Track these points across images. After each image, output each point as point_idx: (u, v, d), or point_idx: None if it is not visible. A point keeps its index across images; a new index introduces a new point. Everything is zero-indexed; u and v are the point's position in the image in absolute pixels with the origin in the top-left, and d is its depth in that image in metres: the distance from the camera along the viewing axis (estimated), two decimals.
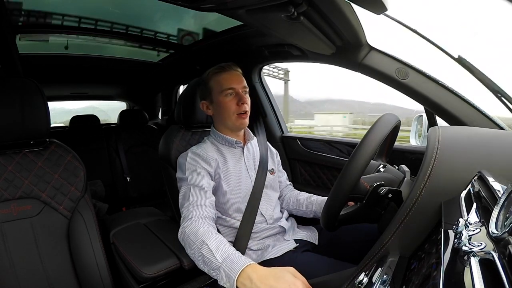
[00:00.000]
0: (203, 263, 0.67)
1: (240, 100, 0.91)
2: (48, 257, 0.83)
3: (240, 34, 1.23)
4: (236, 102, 0.91)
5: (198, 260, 0.68)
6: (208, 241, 0.67)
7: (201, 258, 0.67)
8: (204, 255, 0.66)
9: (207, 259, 0.65)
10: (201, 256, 0.67)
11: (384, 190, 0.68)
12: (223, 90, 0.91)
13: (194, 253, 0.70)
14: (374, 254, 0.55)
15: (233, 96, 0.92)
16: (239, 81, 0.93)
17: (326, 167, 1.37)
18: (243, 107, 0.91)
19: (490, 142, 0.60)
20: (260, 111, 1.52)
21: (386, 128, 0.67)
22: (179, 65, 1.81)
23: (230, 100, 0.91)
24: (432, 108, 0.91)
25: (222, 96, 0.92)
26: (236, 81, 0.92)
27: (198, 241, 0.69)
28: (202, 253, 0.66)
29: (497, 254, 0.28)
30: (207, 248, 0.66)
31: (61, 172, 0.88)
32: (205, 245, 0.67)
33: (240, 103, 0.91)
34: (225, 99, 0.92)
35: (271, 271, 0.57)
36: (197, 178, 0.85)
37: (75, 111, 2.61)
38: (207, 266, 0.66)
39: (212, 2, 0.66)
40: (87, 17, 1.23)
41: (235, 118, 0.92)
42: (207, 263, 0.65)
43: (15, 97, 0.81)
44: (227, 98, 0.91)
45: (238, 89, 0.92)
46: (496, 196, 0.38)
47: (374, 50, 0.96)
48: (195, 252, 0.69)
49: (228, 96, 0.91)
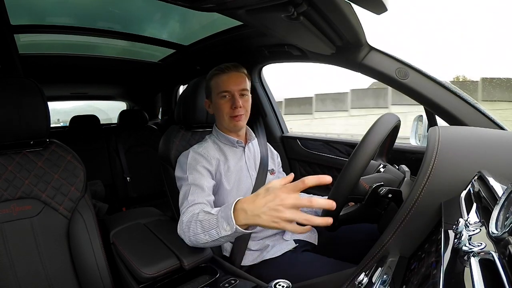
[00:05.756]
0: (204, 231, 0.67)
1: (233, 104, 0.91)
2: (48, 257, 0.83)
3: (240, 34, 1.23)
4: (230, 105, 0.92)
5: (199, 235, 0.69)
6: (201, 212, 0.71)
7: (200, 229, 0.68)
8: (202, 222, 0.68)
9: (206, 222, 0.66)
10: (200, 226, 0.68)
11: (384, 190, 0.68)
12: (219, 92, 0.92)
13: (193, 231, 0.70)
14: (374, 254, 0.55)
15: (228, 99, 0.92)
16: (237, 83, 0.92)
17: (326, 167, 1.37)
18: (236, 111, 0.92)
19: (490, 142, 0.60)
20: (260, 111, 1.52)
21: (386, 128, 0.67)
22: (179, 65, 1.81)
23: (225, 103, 0.92)
24: (432, 108, 0.91)
25: (218, 98, 0.93)
26: (234, 83, 0.92)
27: (193, 219, 0.71)
28: (200, 221, 0.68)
29: (497, 254, 0.28)
30: (202, 213, 0.69)
31: (61, 172, 0.88)
32: (200, 214, 0.70)
33: (233, 107, 0.91)
34: (220, 101, 0.93)
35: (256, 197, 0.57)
36: (198, 177, 0.85)
37: (64, 110, 2.61)
38: (208, 231, 0.66)
39: (212, 2, 0.66)
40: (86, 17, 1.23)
41: (228, 120, 0.93)
42: (206, 228, 0.66)
43: (15, 97, 0.81)
44: (222, 100, 0.92)
45: (234, 92, 0.91)
46: (496, 196, 0.38)
47: (374, 50, 0.96)
48: (193, 229, 0.70)
49: (223, 98, 0.92)
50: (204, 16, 1.17)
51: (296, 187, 0.52)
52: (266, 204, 0.53)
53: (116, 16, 1.25)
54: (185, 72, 1.94)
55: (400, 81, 0.91)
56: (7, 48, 1.25)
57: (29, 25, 1.18)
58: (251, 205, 0.56)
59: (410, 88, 0.90)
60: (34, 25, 1.19)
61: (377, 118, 0.70)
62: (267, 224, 0.55)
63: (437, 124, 0.98)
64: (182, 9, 0.77)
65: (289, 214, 0.52)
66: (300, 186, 0.51)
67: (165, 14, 1.26)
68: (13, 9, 1.02)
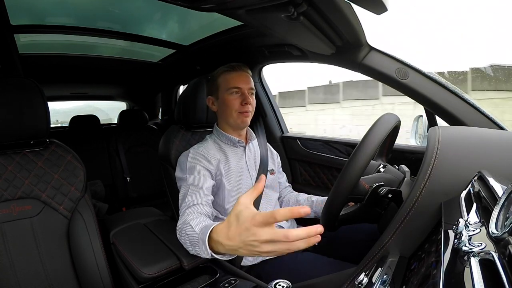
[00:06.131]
0: (191, 244, 0.66)
1: (244, 100, 0.93)
2: (48, 257, 0.83)
3: (240, 34, 1.23)
4: (240, 101, 0.93)
5: (187, 244, 0.69)
6: (191, 221, 0.69)
7: (188, 241, 0.67)
8: (188, 235, 0.67)
9: (191, 238, 0.66)
10: (187, 237, 0.67)
11: (384, 190, 0.68)
12: (229, 88, 0.93)
13: (184, 239, 0.70)
14: (374, 254, 0.55)
15: (238, 95, 0.93)
16: (246, 81, 0.94)
17: (326, 167, 1.37)
18: (246, 107, 0.93)
19: (490, 142, 0.60)
20: (260, 111, 1.52)
21: (386, 128, 0.67)
22: (179, 65, 1.81)
23: (235, 99, 0.93)
24: (432, 108, 0.91)
25: (228, 94, 0.93)
26: (244, 82, 0.94)
27: (185, 226, 0.71)
28: (187, 234, 0.67)
29: (497, 254, 0.28)
30: (189, 226, 0.68)
31: (61, 172, 0.88)
32: (188, 225, 0.69)
33: (244, 103, 0.93)
34: (230, 97, 0.93)
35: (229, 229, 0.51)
36: (197, 178, 0.86)
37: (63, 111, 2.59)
38: (193, 246, 0.66)
39: (212, 2, 0.66)
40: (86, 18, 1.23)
41: (237, 116, 0.94)
42: (192, 242, 0.66)
43: (15, 97, 0.81)
44: (232, 96, 0.93)
45: (244, 90, 0.93)
46: (496, 196, 0.38)
47: (374, 50, 0.96)
48: (183, 238, 0.70)
49: (233, 94, 0.93)
50: (204, 16, 1.17)
51: (267, 222, 0.46)
52: (241, 239, 0.48)
53: (116, 16, 1.25)
54: (185, 72, 1.94)
55: (400, 81, 0.91)
56: (7, 48, 1.25)
57: (29, 25, 1.18)
58: (226, 240, 0.52)
59: (410, 88, 0.90)
60: (34, 25, 1.19)
61: (378, 118, 0.70)
62: (248, 255, 0.52)
63: (437, 124, 0.98)
64: (182, 9, 0.77)
65: (266, 248, 0.46)
66: (270, 221, 0.45)
67: (165, 14, 1.25)
68: (13, 9, 1.02)
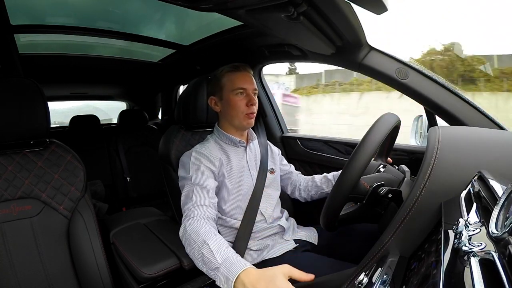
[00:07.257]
0: (202, 262, 0.67)
1: (249, 101, 0.93)
2: (48, 257, 0.83)
3: (240, 34, 1.22)
4: (245, 102, 0.93)
5: (198, 259, 0.68)
6: (209, 241, 0.67)
7: (200, 258, 0.67)
8: (204, 254, 0.66)
9: (207, 259, 0.65)
10: (201, 255, 0.67)
11: (384, 190, 0.68)
12: (234, 89, 0.93)
13: (194, 252, 0.70)
14: (374, 254, 0.55)
15: (244, 96, 0.93)
16: (250, 82, 0.94)
17: (326, 167, 1.37)
18: (252, 108, 0.93)
19: (490, 142, 0.60)
20: (260, 111, 1.51)
21: (386, 128, 0.67)
22: (179, 65, 1.81)
23: (241, 100, 0.93)
24: (432, 108, 0.91)
25: (233, 95, 0.93)
26: (248, 82, 0.94)
27: (199, 241, 0.69)
28: (203, 253, 0.66)
29: (497, 254, 0.28)
30: (208, 248, 0.66)
31: (61, 172, 0.88)
32: (206, 245, 0.67)
33: (250, 104, 0.93)
34: (236, 97, 0.93)
35: (262, 274, 0.56)
36: (201, 178, 0.85)
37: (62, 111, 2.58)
38: (206, 266, 0.66)
39: (212, 2, 0.66)
40: (86, 18, 1.23)
41: (243, 117, 0.94)
42: (206, 263, 0.65)
43: (15, 97, 0.81)
44: (237, 97, 0.93)
45: (249, 90, 0.93)
46: (496, 196, 0.38)
47: (374, 50, 0.96)
48: (195, 251, 0.69)
49: (239, 95, 0.93)
50: (204, 16, 1.17)
51: None
52: None
53: (116, 16, 1.25)
54: (185, 72, 1.94)
55: (400, 81, 0.91)
56: (7, 48, 1.25)
57: (29, 25, 1.18)
58: (250, 285, 0.55)
59: (410, 88, 0.91)
60: (34, 25, 1.19)
61: (378, 118, 0.70)
62: None
63: (437, 124, 0.98)
64: (182, 9, 0.77)
65: None
66: None
67: (165, 14, 1.25)
68: (13, 9, 1.02)
